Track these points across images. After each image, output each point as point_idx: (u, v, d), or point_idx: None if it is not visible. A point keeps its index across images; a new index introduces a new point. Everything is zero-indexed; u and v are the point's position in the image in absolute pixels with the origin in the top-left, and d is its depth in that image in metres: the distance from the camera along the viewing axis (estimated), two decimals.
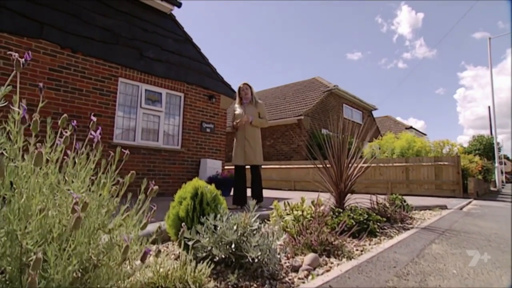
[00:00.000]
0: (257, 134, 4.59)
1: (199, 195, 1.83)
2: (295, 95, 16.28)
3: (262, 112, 4.60)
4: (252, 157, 4.48)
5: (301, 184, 11.20)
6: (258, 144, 4.59)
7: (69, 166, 1.22)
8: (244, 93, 4.58)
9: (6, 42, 4.96)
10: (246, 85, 4.61)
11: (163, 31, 7.20)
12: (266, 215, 3.50)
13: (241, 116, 4.51)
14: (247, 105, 4.58)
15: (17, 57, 1.06)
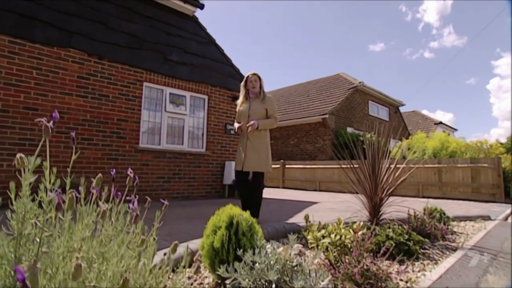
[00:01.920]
0: (263, 134, 3.73)
1: (235, 225, 1.73)
2: (318, 92, 15.94)
3: (271, 109, 3.71)
4: (253, 162, 3.57)
5: (326, 185, 10.96)
6: (264, 146, 3.69)
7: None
8: (252, 86, 3.69)
9: (38, 53, 5.08)
10: (255, 75, 3.72)
11: (186, 34, 7.16)
12: (296, 227, 3.37)
13: (245, 114, 3.72)
14: (253, 100, 3.72)
15: (45, 122, 0.99)
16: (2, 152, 4.73)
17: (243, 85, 3.79)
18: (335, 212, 5.06)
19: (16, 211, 0.96)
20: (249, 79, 3.71)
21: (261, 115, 3.66)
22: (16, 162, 1.00)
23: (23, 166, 0.99)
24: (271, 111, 3.71)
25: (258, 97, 3.71)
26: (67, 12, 5.42)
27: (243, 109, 3.75)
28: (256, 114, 3.64)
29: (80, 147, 5.47)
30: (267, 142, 3.76)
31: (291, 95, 17.69)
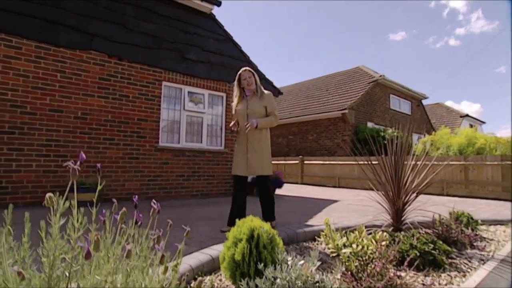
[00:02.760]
0: (264, 134, 3.43)
1: (255, 238, 1.71)
2: (338, 86, 15.62)
3: (270, 106, 3.41)
4: (257, 165, 3.36)
5: (346, 181, 10.79)
6: (266, 147, 3.44)
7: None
8: (247, 82, 3.36)
9: (62, 56, 5.22)
10: (248, 71, 3.41)
11: (203, 32, 7.15)
12: (317, 230, 3.32)
13: (242, 114, 3.40)
14: (251, 98, 3.41)
15: (72, 165, 1.01)
16: (31, 153, 4.92)
17: (236, 84, 3.45)
18: (356, 212, 4.96)
19: (47, 250, 0.99)
20: (242, 76, 3.39)
21: (260, 114, 3.37)
22: (46, 202, 1.07)
23: (52, 205, 1.02)
24: (270, 109, 3.42)
25: (256, 94, 3.40)
26: (88, 15, 5.52)
27: (240, 109, 3.43)
28: (255, 113, 3.34)
29: (102, 147, 5.62)
30: (268, 143, 3.51)
31: (310, 90, 17.44)
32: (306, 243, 3.12)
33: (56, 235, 1.00)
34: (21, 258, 1.06)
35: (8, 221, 1.09)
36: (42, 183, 4.99)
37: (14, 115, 4.79)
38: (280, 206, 5.60)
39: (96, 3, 5.65)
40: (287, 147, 15.39)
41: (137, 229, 1.27)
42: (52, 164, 5.09)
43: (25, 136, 4.88)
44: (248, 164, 3.36)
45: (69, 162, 1.05)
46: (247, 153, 3.37)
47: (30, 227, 1.12)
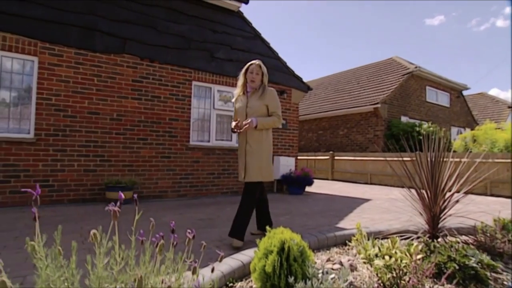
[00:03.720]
0: (264, 135, 3.10)
1: (286, 250, 1.70)
2: (370, 79, 15.06)
3: (272, 105, 3.09)
4: (256, 170, 3.01)
5: (378, 178, 10.45)
6: (266, 150, 3.11)
7: None
8: (251, 78, 3.06)
9: (98, 61, 5.46)
10: (258, 66, 3.08)
11: (232, 30, 7.17)
12: (347, 235, 3.25)
13: (242, 112, 3.11)
14: (251, 95, 3.11)
15: (113, 208, 1.07)
16: (73, 153, 5.23)
17: (242, 73, 3.14)
18: (388, 214, 4.79)
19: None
20: (249, 68, 3.08)
21: (261, 113, 3.06)
22: (90, 238, 1.15)
23: (96, 242, 1.08)
24: (272, 108, 3.09)
25: (257, 91, 3.10)
26: (121, 20, 5.72)
27: (240, 107, 3.15)
28: (255, 112, 3.04)
29: (136, 146, 5.84)
30: (269, 146, 3.17)
31: (340, 83, 16.99)
32: (336, 247, 3.06)
33: (103, 273, 1.05)
34: (71, 275, 1.13)
35: (58, 241, 1.16)
36: (83, 182, 5.30)
37: (57, 118, 5.10)
38: (310, 206, 5.55)
39: (128, 8, 5.83)
40: (317, 142, 15.15)
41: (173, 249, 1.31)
42: (91, 164, 5.38)
43: (67, 137, 5.18)
44: (247, 168, 3.03)
45: (110, 206, 1.12)
46: (245, 156, 3.07)
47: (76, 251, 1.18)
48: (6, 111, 4.85)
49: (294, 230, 3.51)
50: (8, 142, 4.75)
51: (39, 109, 4.99)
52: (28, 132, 4.96)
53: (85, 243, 2.92)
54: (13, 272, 2.19)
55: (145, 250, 1.28)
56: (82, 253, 2.59)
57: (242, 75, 3.15)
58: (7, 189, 4.75)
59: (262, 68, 3.11)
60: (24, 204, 4.83)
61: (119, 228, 2.83)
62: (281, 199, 6.46)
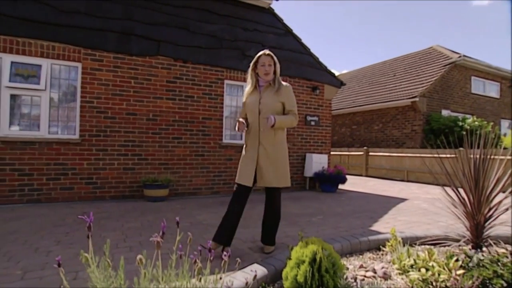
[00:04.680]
0: (279, 137, 2.80)
1: (318, 261, 1.70)
2: (407, 70, 14.34)
3: (289, 102, 2.79)
4: (272, 175, 2.75)
5: (415, 175, 10.00)
6: (282, 153, 2.83)
7: None
8: (264, 70, 2.72)
9: (134, 64, 5.70)
10: (269, 56, 2.75)
11: (263, 27, 7.14)
12: (382, 239, 3.15)
13: (253, 109, 2.78)
14: (265, 90, 2.78)
15: (156, 239, 1.13)
16: (113, 152, 5.54)
17: (251, 69, 2.82)
18: (426, 216, 4.58)
19: None
20: (260, 61, 2.75)
21: (275, 111, 2.74)
22: (137, 262, 1.25)
23: (142, 265, 1.16)
24: (289, 106, 2.79)
25: (271, 86, 2.77)
26: (155, 23, 5.91)
27: (251, 101, 2.82)
28: (269, 109, 2.72)
29: (171, 145, 6.05)
30: (285, 148, 2.88)
31: (375, 75, 16.35)
32: (370, 252, 2.99)
33: None
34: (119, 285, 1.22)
35: (107, 253, 1.25)
36: (122, 179, 5.60)
37: (99, 120, 5.42)
38: (343, 205, 5.45)
39: (162, 11, 6.00)
40: (351, 137, 14.77)
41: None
42: (130, 162, 5.66)
43: (108, 138, 5.49)
44: (261, 173, 2.74)
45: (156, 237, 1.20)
46: (258, 159, 2.74)
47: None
48: (55, 114, 5.23)
49: (326, 232, 3.50)
50: (57, 142, 5.13)
51: (83, 112, 5.32)
52: (74, 133, 5.32)
53: (126, 241, 3.10)
54: (66, 267, 2.37)
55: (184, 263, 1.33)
56: (125, 252, 2.76)
57: (251, 70, 2.82)
58: (58, 185, 5.14)
59: (273, 58, 2.78)
60: (72, 200, 5.21)
61: (156, 226, 2.87)
62: (313, 197, 6.40)
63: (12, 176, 4.88)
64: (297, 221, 4.17)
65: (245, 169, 2.78)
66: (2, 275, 2.26)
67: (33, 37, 4.98)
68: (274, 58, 2.78)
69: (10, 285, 2.10)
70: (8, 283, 2.13)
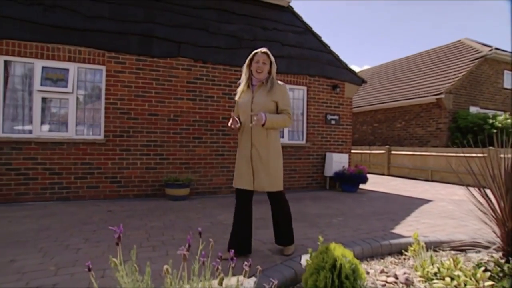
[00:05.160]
0: (272, 137, 2.71)
1: (338, 268, 1.70)
2: (432, 66, 13.84)
3: (282, 101, 2.70)
4: (264, 178, 2.67)
5: (440, 175, 9.67)
6: (275, 154, 2.73)
7: None
8: (257, 68, 2.66)
9: (156, 65, 5.83)
10: (265, 54, 2.68)
11: (282, 26, 7.10)
12: (403, 244, 3.08)
13: (245, 108, 2.71)
14: (257, 89, 2.71)
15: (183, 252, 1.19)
16: (136, 152, 5.70)
17: (246, 65, 2.74)
18: (452, 219, 4.43)
19: None
20: (255, 58, 2.67)
21: (268, 110, 2.65)
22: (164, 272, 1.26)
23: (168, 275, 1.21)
24: (283, 105, 2.70)
25: (264, 85, 2.69)
26: (176, 25, 6.01)
27: (243, 101, 2.75)
28: (262, 108, 2.64)
29: (192, 145, 6.15)
30: (278, 149, 2.77)
31: (397, 71, 15.89)
32: (391, 256, 2.94)
33: None
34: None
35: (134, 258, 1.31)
36: (145, 178, 5.76)
37: (122, 120, 5.59)
38: (364, 206, 5.37)
39: (182, 13, 6.09)
40: (372, 135, 14.46)
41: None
42: (152, 162, 5.81)
43: (131, 138, 5.66)
44: (256, 177, 2.67)
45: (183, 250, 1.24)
46: (251, 161, 2.68)
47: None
48: (82, 116, 5.45)
49: (347, 234, 3.47)
50: (84, 143, 5.34)
51: (107, 113, 5.51)
52: (99, 134, 5.52)
53: (149, 240, 3.19)
54: (95, 265, 2.47)
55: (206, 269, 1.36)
56: (148, 251, 2.85)
57: (246, 67, 2.75)
58: (85, 184, 5.36)
59: (270, 57, 2.69)
60: (98, 198, 5.42)
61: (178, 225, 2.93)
62: (334, 197, 6.34)
63: (44, 174, 5.13)
64: (317, 222, 4.15)
65: (241, 172, 2.74)
66: (40, 270, 2.41)
67: (62, 42, 5.20)
68: (270, 57, 2.70)
69: (46, 280, 2.24)
70: (45, 278, 2.27)
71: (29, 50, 5.05)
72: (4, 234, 3.33)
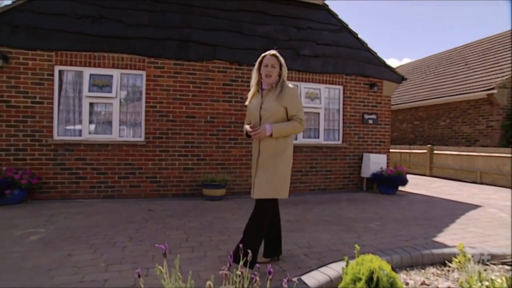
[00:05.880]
0: (281, 145, 2.54)
1: (375, 280, 1.66)
2: (482, 58, 12.82)
3: (292, 107, 2.54)
4: (263, 185, 2.49)
5: (491, 177, 8.97)
6: (283, 162, 2.53)
7: None
8: (266, 72, 2.54)
9: (192, 69, 6.02)
10: (274, 57, 2.57)
11: (317, 25, 6.98)
12: (447, 254, 2.91)
13: (254, 114, 2.60)
14: (267, 94, 2.58)
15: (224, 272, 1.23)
16: (174, 153, 5.94)
17: (256, 69, 2.65)
18: (504, 229, 4.11)
19: None
20: (264, 61, 2.56)
21: (278, 117, 2.53)
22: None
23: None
24: (292, 110, 2.54)
25: (274, 89, 2.56)
26: (211, 29, 6.14)
27: (253, 106, 2.65)
28: (271, 115, 2.52)
29: (228, 146, 6.28)
30: (287, 158, 2.57)
31: (441, 65, 14.94)
32: (433, 267, 2.80)
33: None
34: None
35: (177, 266, 1.38)
36: (183, 178, 5.98)
37: (161, 123, 5.84)
38: (403, 210, 5.15)
39: (217, 16, 6.21)
40: (413, 133, 13.77)
41: None
42: (190, 163, 6.01)
43: (170, 140, 5.90)
44: (255, 183, 2.54)
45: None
46: (256, 168, 2.57)
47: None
48: (124, 119, 5.78)
49: (384, 241, 3.37)
50: (126, 144, 5.66)
51: (147, 116, 5.79)
52: (140, 136, 5.82)
53: (188, 240, 3.32)
54: (138, 264, 2.66)
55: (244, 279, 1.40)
56: (187, 252, 2.97)
57: (255, 71, 2.65)
58: (127, 183, 5.68)
59: (279, 59, 2.58)
60: (139, 197, 5.72)
61: (215, 226, 2.97)
62: (371, 199, 6.15)
63: (92, 174, 5.52)
64: (353, 226, 4.06)
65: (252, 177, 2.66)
66: (92, 265, 2.64)
67: (107, 50, 5.55)
68: (280, 59, 2.58)
69: (98, 275, 2.44)
70: (97, 273, 2.48)
71: (79, 59, 5.45)
72: (63, 229, 3.66)
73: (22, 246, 3.06)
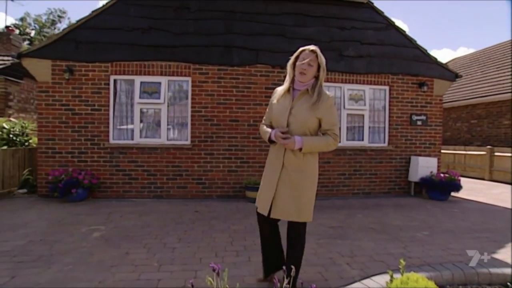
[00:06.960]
0: (310, 160, 2.22)
1: None
2: None
3: (327, 120, 2.20)
4: (289, 205, 2.17)
5: None
6: (309, 180, 2.21)
7: None
8: (301, 69, 2.16)
9: (236, 74, 6.18)
10: (312, 52, 2.19)
11: (361, 24, 6.76)
12: (510, 276, 2.68)
13: (281, 118, 2.22)
14: (299, 98, 2.22)
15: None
16: (219, 156, 6.15)
17: (291, 63, 2.27)
18: None
19: None
20: (301, 56, 2.20)
21: (308, 127, 2.19)
22: None
23: None
24: (327, 124, 2.20)
25: (309, 94, 2.20)
26: (253, 33, 6.24)
27: (280, 108, 2.27)
28: (302, 125, 2.18)
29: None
30: (315, 174, 2.26)
31: (505, 56, 13.57)
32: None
33: None
34: None
35: (226, 278, 1.47)
36: (227, 180, 6.17)
37: (206, 127, 6.09)
38: (456, 219, 4.83)
39: (259, 21, 6.29)
40: (469, 133, 12.74)
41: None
42: (233, 165, 6.19)
43: (214, 143, 6.12)
44: (276, 202, 2.19)
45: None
46: (277, 183, 2.20)
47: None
48: (171, 123, 6.13)
49: (433, 254, 3.23)
50: (174, 148, 5.99)
51: (193, 120, 6.06)
52: (187, 139, 6.11)
53: (233, 244, 3.46)
54: (187, 265, 2.84)
55: None
56: (232, 256, 3.09)
57: (289, 66, 2.28)
58: (175, 185, 6.02)
59: (318, 57, 2.18)
60: (186, 197, 6.02)
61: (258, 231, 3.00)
62: (419, 206, 5.85)
63: (143, 175, 5.93)
64: (399, 235, 3.91)
65: (263, 194, 2.30)
66: (146, 264, 2.88)
67: (156, 59, 5.91)
68: (319, 57, 2.18)
69: (153, 274, 2.65)
70: (151, 272, 2.70)
71: (131, 69, 5.88)
72: (119, 227, 4.02)
73: (88, 242, 3.43)
